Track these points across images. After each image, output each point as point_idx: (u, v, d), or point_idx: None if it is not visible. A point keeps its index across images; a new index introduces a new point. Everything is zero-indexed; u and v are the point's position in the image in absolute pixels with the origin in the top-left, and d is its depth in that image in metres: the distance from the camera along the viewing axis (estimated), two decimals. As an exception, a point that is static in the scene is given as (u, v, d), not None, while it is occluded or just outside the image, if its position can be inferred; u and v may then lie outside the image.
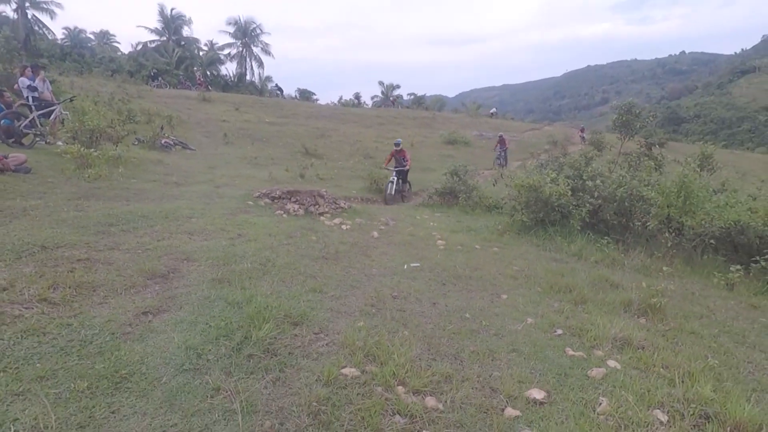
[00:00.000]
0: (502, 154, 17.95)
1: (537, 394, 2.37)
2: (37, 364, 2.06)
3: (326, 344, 2.65)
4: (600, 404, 2.32)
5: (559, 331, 3.33)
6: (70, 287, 2.87)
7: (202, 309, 2.81)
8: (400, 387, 2.30)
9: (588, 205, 6.67)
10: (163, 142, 12.34)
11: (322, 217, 6.13)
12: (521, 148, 22.22)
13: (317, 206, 6.34)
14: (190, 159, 11.20)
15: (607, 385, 2.54)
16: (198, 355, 2.29)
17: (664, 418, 2.27)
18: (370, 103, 50.25)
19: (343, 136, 19.38)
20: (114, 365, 2.11)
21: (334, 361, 2.41)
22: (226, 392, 2.03)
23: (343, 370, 2.35)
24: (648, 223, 6.13)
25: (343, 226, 5.86)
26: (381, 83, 54.25)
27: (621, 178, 7.03)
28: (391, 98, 49.31)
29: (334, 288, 3.60)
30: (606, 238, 6.34)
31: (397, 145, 11.07)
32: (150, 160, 9.19)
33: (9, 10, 39.03)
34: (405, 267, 4.54)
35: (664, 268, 4.94)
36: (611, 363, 2.83)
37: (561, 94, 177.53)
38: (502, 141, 18.32)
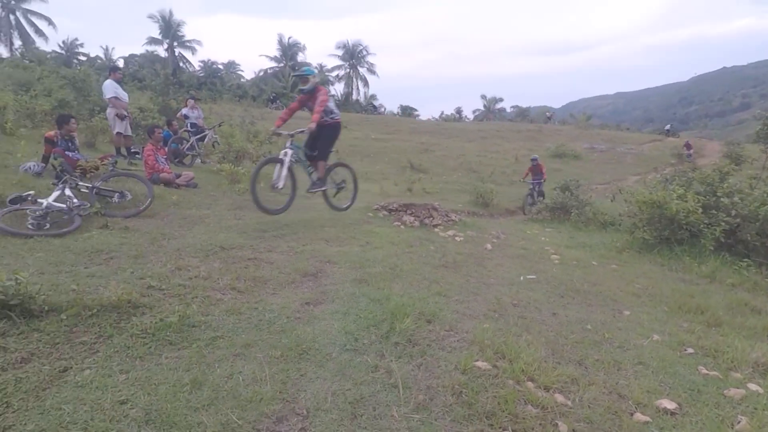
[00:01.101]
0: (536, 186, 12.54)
1: (668, 404, 2.43)
2: (243, 335, 2.70)
3: (458, 340, 2.98)
4: (739, 422, 2.31)
5: (690, 350, 3.26)
6: (248, 280, 3.60)
7: (351, 303, 3.33)
8: (529, 382, 2.54)
9: (723, 224, 6.13)
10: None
11: (436, 229, 6.52)
12: (640, 162, 20.53)
13: (431, 218, 6.75)
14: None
15: (746, 406, 2.49)
16: (355, 339, 2.77)
17: (815, 444, 2.19)
18: (471, 116, 50.10)
19: (446, 150, 19.77)
20: (295, 341, 2.67)
21: (467, 355, 2.72)
22: (383, 370, 2.46)
23: (477, 363, 2.66)
24: (801, 245, 5.46)
25: (457, 238, 6.18)
26: (483, 96, 53.99)
27: (765, 195, 6.32)
28: (491, 111, 48.71)
29: (456, 293, 3.93)
30: (746, 260, 5.77)
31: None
32: (279, 176, 10.45)
33: (161, 50, 46.61)
34: (521, 278, 4.71)
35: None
36: (752, 386, 2.74)
37: (688, 101, 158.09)
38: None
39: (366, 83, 52.17)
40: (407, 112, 50.96)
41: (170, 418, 1.88)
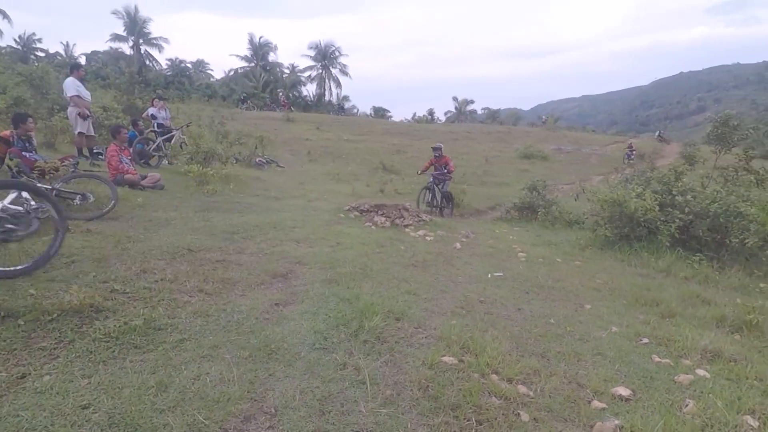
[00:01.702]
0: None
1: (623, 391, 2.57)
2: (210, 337, 2.68)
3: (425, 337, 3.05)
4: (686, 405, 2.47)
5: (645, 340, 3.45)
6: (216, 282, 3.57)
7: (320, 303, 3.35)
8: (494, 375, 2.63)
9: (678, 220, 6.47)
10: (257, 160, 13.71)
11: (407, 229, 6.60)
12: (604, 162, 21.30)
13: (402, 219, 6.83)
14: (282, 176, 12.34)
15: (694, 390, 2.67)
16: (324, 338, 2.80)
17: (755, 423, 2.36)
18: (443, 118, 50.69)
19: (417, 151, 19.95)
20: (264, 341, 2.68)
21: (434, 350, 2.79)
22: (352, 367, 2.50)
23: (443, 358, 2.73)
24: (747, 241, 5.82)
25: (427, 238, 6.28)
26: (455, 98, 54.73)
27: (716, 193, 6.71)
28: (462, 113, 49.49)
29: (425, 292, 4.01)
30: (698, 254, 6.11)
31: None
32: (250, 177, 10.34)
33: (126, 47, 45.14)
34: (489, 276, 4.84)
35: (761, 285, 4.73)
36: (700, 372, 2.93)
37: (649, 104, 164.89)
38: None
39: (339, 84, 52.04)
40: (380, 113, 51.11)
41: (135, 421, 1.86)
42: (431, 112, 50.92)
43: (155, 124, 11.18)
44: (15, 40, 42.36)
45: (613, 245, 6.81)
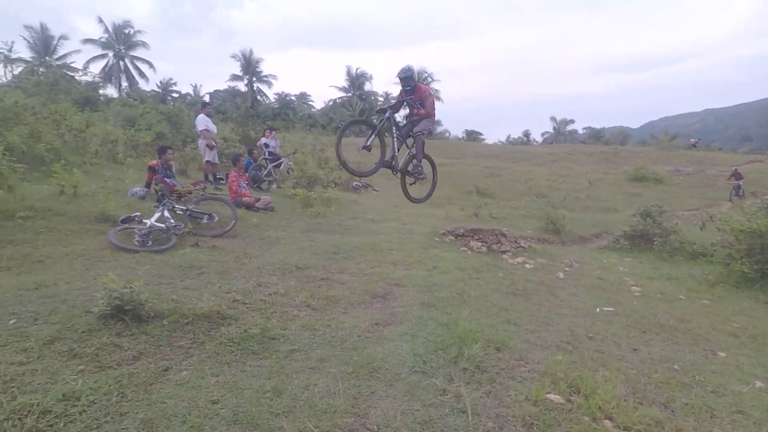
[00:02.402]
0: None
1: (774, 458, 2.19)
2: (317, 350, 2.85)
3: (528, 371, 2.91)
4: None
5: (802, 401, 2.90)
6: (321, 298, 3.80)
7: (419, 326, 3.38)
8: (607, 421, 2.41)
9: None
10: (354, 184, 14.37)
11: (504, 255, 6.39)
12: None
13: (499, 244, 6.64)
14: (377, 199, 12.77)
15: None
16: (423, 362, 2.81)
17: None
18: (540, 139, 48.69)
19: (513, 174, 19.33)
20: (366, 359, 2.77)
21: (539, 386, 2.65)
22: (452, 394, 2.48)
23: (549, 395, 2.58)
24: None
25: (527, 265, 6.02)
26: (552, 118, 52.28)
27: None
28: (561, 134, 47.06)
29: (527, 322, 3.83)
30: None
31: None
32: (348, 200, 10.87)
33: (241, 85, 50.91)
34: (597, 310, 4.47)
35: None
36: None
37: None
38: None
39: (432, 109, 52.85)
40: (472, 136, 50.63)
41: (254, 421, 2.04)
42: (527, 134, 49.19)
43: (267, 152, 12.35)
44: (157, 84, 50.18)
45: (753, 284, 5.87)
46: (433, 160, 5.79)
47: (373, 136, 4.91)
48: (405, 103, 5.46)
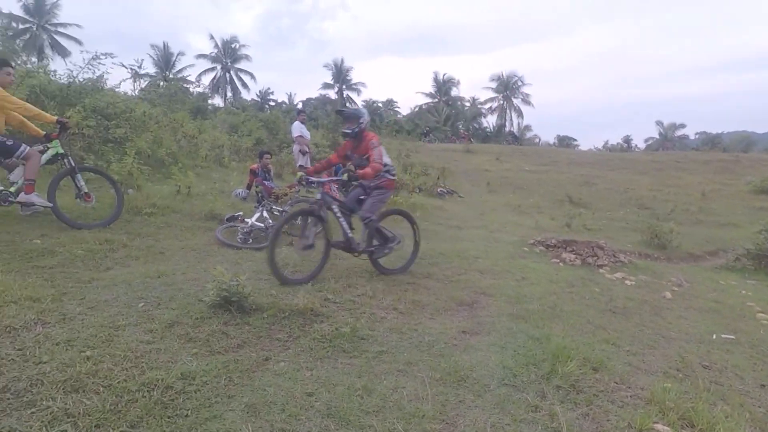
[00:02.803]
0: None
1: None
2: (405, 353, 2.88)
3: (630, 396, 2.67)
4: None
5: None
6: (408, 302, 3.83)
7: (508, 338, 3.27)
8: (729, 463, 2.13)
9: None
10: (438, 190, 14.30)
11: (601, 270, 5.93)
12: None
13: (595, 258, 6.18)
14: (462, 205, 12.58)
15: None
16: (513, 375, 2.71)
17: None
18: (643, 146, 44.55)
19: (610, 183, 17.87)
20: (453, 367, 2.74)
21: (644, 414, 2.41)
22: (545, 412, 2.35)
23: (656, 425, 2.34)
24: None
25: (627, 282, 5.52)
26: (659, 123, 47.73)
27: None
28: (669, 139, 42.59)
29: (628, 343, 3.52)
30: None
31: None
32: (433, 206, 10.85)
33: (332, 93, 53.34)
34: (714, 337, 3.97)
35: None
36: None
37: None
38: None
39: (520, 114, 51.02)
40: (565, 142, 47.88)
41: (346, 417, 2.12)
42: (627, 140, 45.39)
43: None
44: (257, 94, 54.54)
45: None
46: (410, 215, 5.02)
47: (313, 229, 4.18)
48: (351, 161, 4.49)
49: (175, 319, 2.93)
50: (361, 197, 4.52)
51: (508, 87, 51.00)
